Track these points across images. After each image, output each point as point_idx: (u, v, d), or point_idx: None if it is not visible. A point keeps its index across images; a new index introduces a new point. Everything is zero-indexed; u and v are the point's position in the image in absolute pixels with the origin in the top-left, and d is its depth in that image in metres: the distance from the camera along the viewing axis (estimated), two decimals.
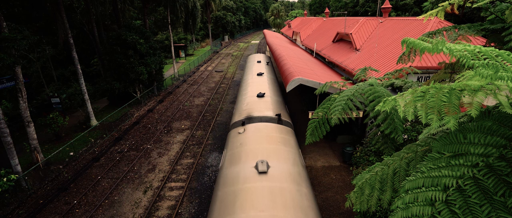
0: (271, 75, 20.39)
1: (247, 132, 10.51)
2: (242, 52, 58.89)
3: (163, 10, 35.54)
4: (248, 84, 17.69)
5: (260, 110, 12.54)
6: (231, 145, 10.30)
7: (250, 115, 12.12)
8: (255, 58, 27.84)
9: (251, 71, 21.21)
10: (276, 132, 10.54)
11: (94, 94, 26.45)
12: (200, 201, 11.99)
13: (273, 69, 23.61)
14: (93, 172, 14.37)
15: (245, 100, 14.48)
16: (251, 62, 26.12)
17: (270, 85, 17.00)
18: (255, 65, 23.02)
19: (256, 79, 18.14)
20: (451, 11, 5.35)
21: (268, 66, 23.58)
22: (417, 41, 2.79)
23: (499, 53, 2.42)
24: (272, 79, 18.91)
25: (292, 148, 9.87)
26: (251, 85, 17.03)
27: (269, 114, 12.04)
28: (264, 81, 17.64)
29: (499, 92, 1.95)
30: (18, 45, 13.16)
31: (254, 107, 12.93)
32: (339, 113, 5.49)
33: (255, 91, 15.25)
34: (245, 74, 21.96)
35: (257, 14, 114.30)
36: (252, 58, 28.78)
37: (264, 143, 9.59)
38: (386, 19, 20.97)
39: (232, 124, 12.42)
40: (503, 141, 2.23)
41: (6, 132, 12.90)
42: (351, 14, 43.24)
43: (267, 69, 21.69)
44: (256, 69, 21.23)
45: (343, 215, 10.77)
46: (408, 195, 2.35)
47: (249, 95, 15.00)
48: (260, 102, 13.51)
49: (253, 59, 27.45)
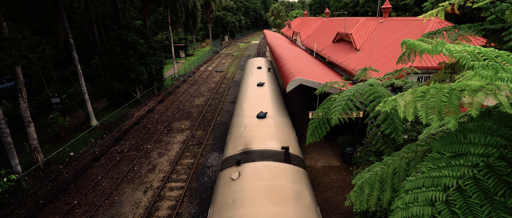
0: (274, 85, 17.43)
1: (243, 178, 7.90)
2: (242, 52, 58.90)
3: (163, 10, 35.56)
4: (246, 98, 14.75)
5: (261, 138, 9.84)
6: (219, 200, 7.53)
7: (248, 147, 9.43)
8: (254, 63, 24.57)
9: (250, 80, 18.14)
10: (283, 177, 7.93)
11: (94, 94, 26.46)
12: (200, 201, 11.99)
13: (276, 77, 20.51)
14: (93, 172, 14.37)
15: (242, 123, 11.65)
16: (250, 67, 22.99)
17: (273, 100, 14.14)
18: (255, 72, 20.24)
19: (256, 91, 15.33)
20: (451, 11, 5.35)
21: (270, 73, 20.55)
22: (416, 42, 2.79)
23: (499, 54, 2.42)
24: (276, 92, 16.02)
25: (306, 208, 6.97)
26: (249, 100, 14.20)
27: (273, 146, 9.37)
28: (265, 94, 14.74)
29: (499, 93, 1.95)
30: (18, 46, 13.17)
31: (253, 134, 10.25)
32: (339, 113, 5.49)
33: (254, 110, 12.47)
34: (242, 84, 18.76)
35: (257, 14, 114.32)
36: (251, 63, 25.34)
37: (265, 202, 6.82)
38: (386, 19, 20.98)
39: (224, 160, 9.71)
40: (503, 141, 2.23)
41: (6, 132, 12.91)
42: (351, 14, 43.24)
43: (269, 78, 18.77)
44: (255, 78, 18.41)
45: (343, 215, 10.77)
46: (408, 195, 2.35)
47: (247, 116, 12.14)
48: (261, 127, 10.80)
49: (253, 64, 24.16)
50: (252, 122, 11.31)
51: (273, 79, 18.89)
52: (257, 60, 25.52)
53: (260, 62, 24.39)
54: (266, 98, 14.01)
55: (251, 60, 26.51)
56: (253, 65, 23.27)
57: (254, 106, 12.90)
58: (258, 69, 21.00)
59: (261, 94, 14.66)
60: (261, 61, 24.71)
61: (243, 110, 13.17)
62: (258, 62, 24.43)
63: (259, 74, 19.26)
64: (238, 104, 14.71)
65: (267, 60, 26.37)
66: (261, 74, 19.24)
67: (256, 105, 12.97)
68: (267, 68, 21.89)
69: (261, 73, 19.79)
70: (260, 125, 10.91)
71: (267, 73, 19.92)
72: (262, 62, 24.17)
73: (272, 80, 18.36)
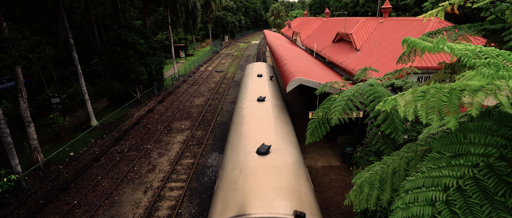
0: (278, 100, 14.02)
1: None
2: (242, 52, 58.90)
3: (163, 10, 35.56)
4: (243, 120, 11.47)
5: (264, 194, 6.70)
6: None
7: (244, 212, 6.22)
8: (254, 69, 21.14)
9: (249, 93, 14.78)
10: None
11: (94, 94, 26.46)
12: (200, 201, 11.98)
13: (279, 88, 17.21)
14: (93, 172, 14.37)
15: (237, 161, 8.39)
16: (249, 75, 19.43)
17: (278, 123, 10.88)
18: (255, 82, 16.89)
19: (256, 109, 12.19)
20: (451, 11, 5.35)
21: (272, 82, 17.31)
22: (418, 41, 2.79)
23: (499, 53, 2.42)
24: (280, 110, 12.59)
25: None
26: (247, 122, 11.06)
27: (281, 210, 6.19)
28: (268, 114, 11.60)
29: (499, 92, 1.94)
30: (18, 46, 13.17)
31: (252, 184, 7.08)
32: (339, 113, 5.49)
33: (254, 140, 9.30)
34: (239, 98, 15.15)
35: (257, 14, 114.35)
36: (250, 69, 21.69)
37: None
38: (386, 19, 20.98)
39: None
40: (504, 141, 2.23)
41: (6, 132, 12.91)
42: (351, 14, 43.24)
43: (271, 89, 15.47)
44: (255, 89, 15.17)
45: (343, 215, 10.77)
46: (408, 195, 2.35)
47: (243, 150, 8.86)
48: (263, 169, 7.65)
49: (252, 70, 20.76)
50: (251, 160, 8.13)
51: (276, 92, 15.67)
52: (257, 66, 22.18)
53: (260, 68, 21.10)
54: (268, 121, 11.01)
55: (250, 66, 22.95)
56: (252, 72, 19.93)
57: (254, 134, 9.85)
58: (259, 78, 17.88)
59: (262, 114, 11.62)
60: (262, 67, 21.47)
61: (239, 139, 9.92)
62: (258, 68, 21.11)
63: (259, 85, 16.14)
64: (233, 128, 11.39)
65: (268, 66, 22.93)
66: (262, 85, 16.14)
67: (256, 132, 9.95)
68: (268, 76, 18.60)
69: (261, 83, 16.59)
70: (262, 165, 7.80)
71: (269, 83, 16.81)
72: (263, 69, 20.93)
73: (275, 93, 15.03)
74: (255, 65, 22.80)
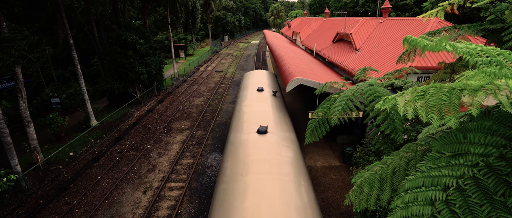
0: (287, 130, 10.10)
1: None
2: (242, 52, 58.91)
3: (163, 10, 35.53)
4: (237, 159, 8.20)
5: None
6: None
7: None
8: (253, 79, 17.25)
9: (245, 119, 11.02)
10: None
11: (94, 94, 26.45)
12: (200, 201, 11.98)
13: (286, 110, 13.08)
14: (93, 172, 14.36)
15: None
16: (247, 89, 15.49)
17: (288, 174, 7.41)
18: (253, 100, 13.18)
19: (255, 149, 8.48)
20: (451, 11, 5.35)
21: (277, 101, 13.35)
22: (419, 39, 2.79)
23: (500, 52, 2.42)
24: (290, 146, 8.97)
25: None
26: (243, 163, 7.88)
27: None
28: (272, 153, 8.18)
29: (499, 92, 1.94)
30: (18, 45, 13.16)
31: None
32: (339, 113, 5.49)
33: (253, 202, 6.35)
34: (233, 128, 11.00)
35: (257, 14, 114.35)
36: (248, 79, 17.78)
37: None
38: (386, 19, 20.98)
39: None
40: (503, 141, 2.23)
41: (6, 132, 12.90)
42: (351, 14, 43.25)
43: (276, 112, 11.68)
44: (254, 113, 11.46)
45: (343, 215, 10.77)
46: (407, 195, 2.35)
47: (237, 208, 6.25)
48: None
49: (250, 81, 16.89)
50: None
51: (282, 115, 11.59)
52: (256, 75, 18.22)
53: (260, 78, 17.16)
54: (273, 166, 7.53)
55: (249, 76, 18.69)
56: (250, 85, 16.02)
57: (252, 202, 6.35)
58: (259, 94, 14.02)
59: (264, 154, 8.02)
60: (263, 77, 17.50)
61: (234, 194, 6.84)
62: (258, 78, 17.19)
63: (260, 106, 12.29)
64: (222, 182, 7.62)
65: (270, 75, 18.80)
66: (263, 106, 12.26)
67: (256, 196, 6.52)
68: (271, 91, 14.44)
69: (263, 103, 12.68)
70: None
71: (273, 103, 12.77)
72: (263, 79, 16.97)
73: (281, 119, 11.00)
74: (254, 74, 18.74)
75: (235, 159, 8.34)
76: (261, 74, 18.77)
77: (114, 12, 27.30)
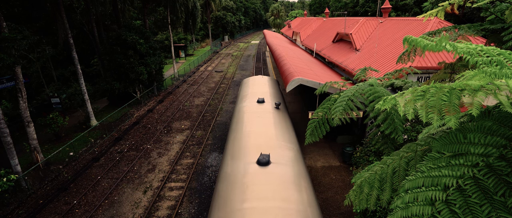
0: (295, 161, 8.12)
1: None
2: (242, 52, 58.92)
3: (163, 10, 35.54)
4: (231, 207, 6.31)
5: None
6: None
7: None
8: (252, 88, 15.07)
9: (243, 144, 8.96)
10: None
11: (94, 94, 26.45)
12: (200, 201, 11.98)
13: (292, 129, 10.85)
14: (93, 172, 14.36)
15: None
16: (245, 101, 13.23)
17: None
18: (253, 116, 11.01)
19: (254, 181, 6.94)
20: (451, 11, 5.35)
21: (280, 116, 11.26)
22: (419, 39, 2.79)
23: (500, 52, 2.42)
24: (298, 176, 7.38)
25: None
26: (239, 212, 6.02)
27: None
28: (275, 197, 6.36)
29: (499, 92, 1.94)
30: (18, 45, 13.16)
31: None
32: (340, 113, 5.49)
33: None
34: (227, 155, 8.91)
35: (257, 14, 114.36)
36: (247, 88, 15.38)
37: None
38: (386, 19, 20.98)
39: None
40: (503, 141, 2.23)
41: (6, 132, 12.90)
42: (351, 14, 43.25)
43: (280, 133, 9.63)
44: (253, 134, 9.43)
45: (343, 215, 10.77)
46: (408, 195, 2.35)
47: None
48: None
49: (249, 91, 14.59)
50: None
51: (287, 140, 9.34)
52: (256, 83, 15.92)
53: (261, 86, 15.08)
54: None
55: (247, 83, 16.51)
56: (249, 95, 13.86)
57: None
58: (259, 106, 11.93)
59: (265, 207, 6.08)
60: (263, 85, 15.30)
61: None
62: (258, 86, 15.09)
63: (260, 124, 10.16)
64: None
65: (272, 82, 16.45)
66: (264, 124, 10.15)
67: None
68: (274, 103, 12.25)
69: (263, 118, 10.67)
70: None
71: (276, 119, 10.74)
72: (264, 87, 14.84)
73: (286, 145, 8.90)
74: (254, 81, 16.41)
75: (229, 205, 6.37)
76: (261, 80, 16.50)
77: (114, 12, 27.31)
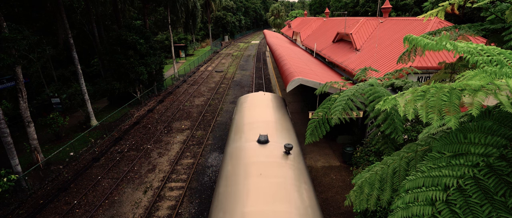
0: None
1: None
2: (242, 52, 58.92)
3: (163, 10, 35.55)
4: None
5: None
6: None
7: None
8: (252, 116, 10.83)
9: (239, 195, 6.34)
10: None
11: (94, 94, 26.45)
12: (200, 201, 11.98)
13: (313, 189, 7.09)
14: (93, 172, 14.37)
15: None
16: (241, 137, 9.25)
17: None
18: (253, 166, 7.42)
19: None
20: (451, 11, 5.34)
21: (293, 169, 7.40)
22: (419, 38, 2.79)
23: (501, 51, 2.42)
24: None
25: None
26: None
27: None
28: None
29: (499, 92, 1.94)
30: (18, 45, 13.16)
31: None
32: (339, 113, 5.49)
33: None
34: None
35: (257, 14, 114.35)
36: (244, 113, 11.33)
37: None
38: (386, 19, 20.97)
39: None
40: (504, 141, 2.22)
41: (6, 132, 12.90)
42: (351, 14, 43.23)
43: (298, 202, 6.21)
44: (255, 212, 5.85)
45: (343, 215, 10.76)
46: (408, 195, 2.34)
47: None
48: None
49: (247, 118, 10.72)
50: None
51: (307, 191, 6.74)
52: (256, 105, 11.88)
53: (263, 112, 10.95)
54: None
55: (245, 105, 12.25)
56: (247, 126, 9.92)
57: None
58: (261, 149, 8.17)
59: None
60: (266, 109, 11.23)
61: None
62: (260, 112, 10.98)
63: (265, 188, 6.56)
64: None
65: (278, 105, 12.09)
66: (270, 190, 6.48)
67: None
68: (283, 147, 8.13)
69: (269, 177, 6.93)
70: None
71: (289, 180, 6.91)
72: (268, 113, 10.79)
73: None
74: (252, 101, 12.38)
75: None
76: (263, 101, 12.00)
77: (115, 12, 27.31)
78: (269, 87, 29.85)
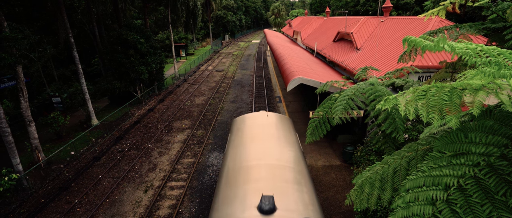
0: None
1: None
2: (242, 51, 58.89)
3: (164, 9, 35.56)
4: None
5: None
6: None
7: None
8: (250, 154, 7.87)
9: None
10: None
11: (95, 93, 26.48)
12: (200, 200, 12.00)
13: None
14: (94, 171, 14.39)
15: None
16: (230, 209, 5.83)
17: None
18: None
19: None
20: (452, 10, 5.33)
21: None
22: (418, 39, 2.78)
23: (501, 51, 2.41)
24: None
25: None
26: None
27: None
28: None
29: (500, 92, 1.94)
30: (19, 45, 13.18)
31: None
32: (340, 113, 5.49)
33: None
34: None
35: (257, 14, 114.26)
36: (240, 146, 8.48)
37: None
38: (387, 18, 20.93)
39: None
40: (505, 140, 2.22)
41: (7, 131, 12.93)
42: (351, 13, 43.14)
43: None
44: None
45: (343, 215, 10.77)
46: (408, 194, 2.34)
47: None
48: None
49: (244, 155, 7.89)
50: None
51: None
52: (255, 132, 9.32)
53: (267, 148, 8.19)
54: None
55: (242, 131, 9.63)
56: (245, 169, 7.24)
57: None
58: None
59: None
60: (270, 144, 8.46)
61: None
62: (262, 147, 8.26)
63: None
64: None
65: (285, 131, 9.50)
66: None
67: None
68: None
69: None
70: None
71: None
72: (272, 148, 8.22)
73: None
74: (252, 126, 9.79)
75: None
76: (266, 127, 9.48)
77: (115, 12, 27.30)
78: (270, 87, 29.83)
